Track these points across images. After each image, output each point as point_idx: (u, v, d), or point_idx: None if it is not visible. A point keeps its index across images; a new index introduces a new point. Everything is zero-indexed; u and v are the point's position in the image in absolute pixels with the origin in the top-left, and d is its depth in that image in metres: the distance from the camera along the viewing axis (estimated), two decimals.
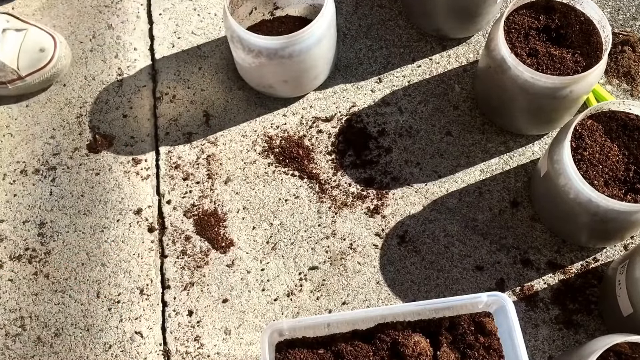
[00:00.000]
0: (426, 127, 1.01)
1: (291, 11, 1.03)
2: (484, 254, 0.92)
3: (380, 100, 1.03)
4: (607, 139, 0.86)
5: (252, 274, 0.92)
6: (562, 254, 0.92)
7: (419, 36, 1.08)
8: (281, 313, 0.90)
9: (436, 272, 0.92)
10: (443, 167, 0.98)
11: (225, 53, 1.06)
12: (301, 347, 0.73)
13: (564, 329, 0.88)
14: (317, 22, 0.89)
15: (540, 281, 0.91)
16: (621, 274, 0.82)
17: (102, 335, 0.89)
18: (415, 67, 1.05)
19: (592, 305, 0.89)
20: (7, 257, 0.93)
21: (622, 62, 1.04)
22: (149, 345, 0.88)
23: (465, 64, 1.06)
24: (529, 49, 0.91)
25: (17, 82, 1.01)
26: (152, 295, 0.91)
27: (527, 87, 0.88)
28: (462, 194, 0.97)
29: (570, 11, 0.92)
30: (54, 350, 0.88)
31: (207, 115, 1.02)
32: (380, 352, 0.71)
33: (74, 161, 0.99)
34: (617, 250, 0.93)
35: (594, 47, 0.90)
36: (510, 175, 0.98)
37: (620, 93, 1.03)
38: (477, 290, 0.90)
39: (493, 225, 0.94)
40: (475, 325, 0.73)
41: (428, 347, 0.72)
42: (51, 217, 0.96)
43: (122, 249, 0.93)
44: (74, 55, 1.07)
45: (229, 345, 0.88)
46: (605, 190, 0.83)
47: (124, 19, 1.10)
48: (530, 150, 0.99)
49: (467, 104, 1.03)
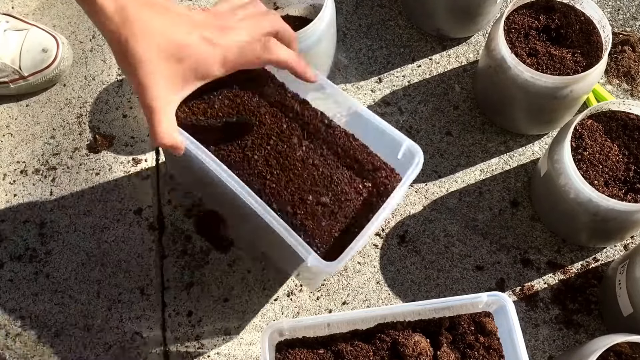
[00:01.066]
0: (426, 126, 1.01)
1: (291, 11, 1.03)
2: (484, 254, 0.93)
3: (380, 100, 1.03)
4: (607, 139, 0.86)
5: (253, 273, 0.92)
6: (562, 254, 0.92)
7: (419, 36, 1.08)
8: (281, 313, 0.90)
9: (436, 272, 0.92)
10: (443, 166, 0.98)
11: None
12: (301, 347, 0.73)
13: (564, 328, 0.88)
14: (317, 22, 0.89)
15: (540, 281, 0.91)
16: (621, 274, 0.82)
17: (102, 335, 0.89)
18: (415, 67, 1.05)
19: (592, 305, 0.89)
20: (7, 257, 0.93)
21: (622, 62, 1.04)
22: (149, 345, 0.88)
23: (465, 63, 1.06)
24: (529, 48, 0.91)
25: (20, 82, 1.01)
26: (152, 295, 0.91)
27: (527, 87, 0.88)
28: (462, 193, 0.97)
29: (570, 11, 0.92)
30: (54, 350, 0.88)
31: None
32: (381, 352, 0.71)
33: (74, 161, 0.99)
34: (617, 250, 0.93)
35: (594, 46, 0.90)
36: (510, 175, 0.98)
37: (620, 93, 1.03)
38: (477, 290, 0.90)
39: (493, 225, 0.94)
40: (475, 325, 0.73)
41: (428, 347, 0.71)
42: (51, 217, 0.96)
43: (122, 249, 0.93)
44: (74, 55, 1.07)
45: (229, 345, 0.88)
46: (606, 190, 0.83)
47: None
48: (530, 150, 0.99)
49: (467, 103, 1.03)
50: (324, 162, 0.71)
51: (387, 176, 0.71)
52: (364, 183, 0.71)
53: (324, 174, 0.71)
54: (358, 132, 0.73)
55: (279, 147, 0.71)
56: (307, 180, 0.70)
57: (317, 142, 0.72)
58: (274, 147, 0.71)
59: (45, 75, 1.01)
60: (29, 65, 0.99)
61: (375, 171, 0.71)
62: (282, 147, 0.71)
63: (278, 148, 0.71)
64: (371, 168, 0.72)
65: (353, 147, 0.72)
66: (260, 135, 0.71)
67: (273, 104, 0.73)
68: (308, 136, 0.72)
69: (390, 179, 0.71)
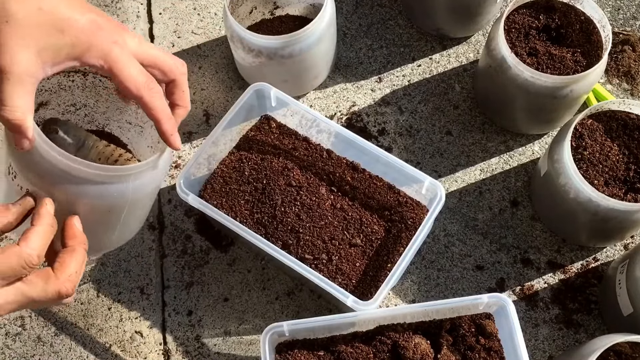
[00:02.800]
0: (426, 126, 1.01)
1: (291, 10, 1.03)
2: (484, 254, 0.93)
3: (380, 100, 1.03)
4: (607, 139, 0.86)
5: (253, 273, 0.92)
6: (562, 254, 0.92)
7: (419, 35, 1.08)
8: (281, 313, 0.90)
9: (436, 271, 0.92)
10: (443, 166, 0.98)
11: (225, 52, 1.06)
12: (301, 348, 0.73)
13: (564, 328, 0.88)
14: (317, 22, 0.89)
15: (540, 281, 0.91)
16: (621, 274, 0.82)
17: (102, 335, 0.89)
18: (415, 66, 1.05)
19: (592, 304, 0.89)
20: None
21: (622, 61, 1.04)
22: (149, 344, 0.88)
23: (465, 63, 1.06)
24: (529, 48, 0.91)
25: None
26: (152, 294, 0.91)
27: (527, 87, 0.88)
28: (462, 193, 0.97)
29: (571, 10, 0.92)
30: (54, 350, 0.88)
31: (208, 115, 1.02)
32: (381, 354, 0.72)
33: None
34: (617, 250, 0.93)
35: (594, 46, 0.90)
36: (510, 175, 0.98)
37: (620, 92, 1.03)
38: (477, 289, 0.90)
39: (493, 224, 0.94)
40: (476, 327, 0.73)
41: (429, 349, 0.72)
42: None
43: (122, 248, 0.93)
44: None
45: (229, 345, 0.88)
46: (606, 190, 0.83)
47: (124, 19, 1.10)
48: (530, 149, 0.99)
49: (467, 103, 1.03)
50: (352, 206, 0.77)
51: (414, 209, 0.77)
52: (392, 219, 0.77)
53: (353, 218, 0.76)
54: (382, 173, 0.81)
55: (309, 201, 0.76)
56: (339, 227, 0.76)
57: (345, 189, 0.78)
58: (304, 202, 0.76)
59: None
60: None
61: (402, 206, 0.77)
62: (312, 199, 0.77)
63: (308, 202, 0.76)
64: (397, 204, 0.77)
65: (378, 187, 0.79)
66: (289, 192, 0.77)
67: (299, 158, 0.79)
68: (335, 184, 0.78)
69: (417, 211, 0.77)
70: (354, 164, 0.79)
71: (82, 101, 0.73)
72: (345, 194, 0.77)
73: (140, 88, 0.56)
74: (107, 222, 0.65)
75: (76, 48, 0.53)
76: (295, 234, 0.75)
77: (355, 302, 0.72)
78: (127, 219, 0.66)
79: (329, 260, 0.74)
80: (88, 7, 0.55)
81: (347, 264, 0.74)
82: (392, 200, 0.77)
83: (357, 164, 0.79)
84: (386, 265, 0.74)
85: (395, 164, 0.78)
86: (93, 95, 0.72)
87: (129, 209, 0.64)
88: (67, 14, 0.53)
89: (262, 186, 0.77)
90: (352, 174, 0.78)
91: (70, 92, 0.71)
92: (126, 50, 0.55)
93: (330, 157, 0.79)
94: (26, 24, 0.51)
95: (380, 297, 0.71)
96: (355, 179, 0.78)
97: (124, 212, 0.64)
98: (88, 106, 0.74)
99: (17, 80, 0.51)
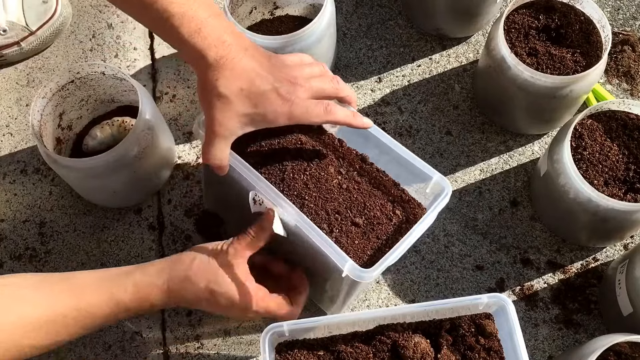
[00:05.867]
0: (426, 126, 1.01)
1: (291, 11, 1.03)
2: (484, 254, 0.93)
3: (380, 100, 1.03)
4: (607, 139, 0.86)
5: None
6: (562, 254, 0.92)
7: (419, 36, 1.08)
8: None
9: (436, 271, 0.92)
10: (443, 166, 0.98)
11: None
12: (301, 348, 0.73)
13: (564, 328, 0.88)
14: (317, 22, 0.89)
15: (540, 281, 0.91)
16: (621, 274, 0.82)
17: (102, 335, 0.89)
18: (415, 66, 1.05)
19: (592, 304, 0.89)
20: (7, 257, 0.93)
21: (622, 61, 1.04)
22: (149, 345, 0.88)
23: (465, 63, 1.06)
24: (529, 48, 0.91)
25: (30, 39, 1.04)
26: None
27: (527, 87, 0.88)
28: (462, 193, 0.97)
29: (570, 11, 0.92)
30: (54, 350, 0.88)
31: None
32: (381, 354, 0.71)
33: None
34: (617, 250, 0.93)
35: (593, 46, 0.90)
36: (510, 175, 0.98)
37: (620, 92, 1.03)
38: (477, 289, 0.90)
39: (493, 224, 0.94)
40: (475, 327, 0.73)
41: (428, 349, 0.72)
42: (51, 217, 0.96)
43: (122, 248, 0.93)
44: (74, 55, 1.07)
45: (229, 345, 0.88)
46: (605, 190, 0.83)
47: (123, 19, 1.10)
48: (530, 149, 0.99)
49: (467, 103, 1.03)
50: (358, 190, 0.78)
51: (415, 208, 0.77)
52: (395, 211, 0.77)
53: (357, 200, 0.77)
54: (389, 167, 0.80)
55: (317, 174, 0.77)
56: (342, 204, 0.76)
57: (352, 174, 0.79)
58: (313, 174, 0.77)
59: (52, 25, 1.05)
60: (33, 19, 1.04)
61: (404, 203, 0.78)
62: (320, 174, 0.78)
63: (316, 175, 0.77)
64: (400, 201, 0.78)
65: (384, 181, 0.79)
66: (299, 162, 0.78)
67: (313, 138, 0.80)
68: (344, 168, 0.79)
69: (417, 210, 0.77)
70: (363, 156, 0.80)
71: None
72: (351, 179, 0.78)
73: (322, 116, 0.74)
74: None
75: (266, 118, 0.72)
76: (300, 200, 0.76)
77: (352, 268, 0.69)
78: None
79: (329, 232, 0.74)
80: (272, 75, 0.72)
81: (346, 239, 0.74)
82: (396, 195, 0.78)
83: (366, 156, 0.80)
84: (384, 249, 0.73)
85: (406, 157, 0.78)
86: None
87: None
88: (258, 88, 0.70)
89: (274, 150, 0.79)
90: (360, 164, 0.79)
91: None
92: (302, 104, 0.72)
93: (342, 145, 0.81)
94: (230, 100, 0.70)
95: (378, 269, 0.69)
96: (364, 169, 0.79)
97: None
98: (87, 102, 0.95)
99: (220, 137, 0.71)
